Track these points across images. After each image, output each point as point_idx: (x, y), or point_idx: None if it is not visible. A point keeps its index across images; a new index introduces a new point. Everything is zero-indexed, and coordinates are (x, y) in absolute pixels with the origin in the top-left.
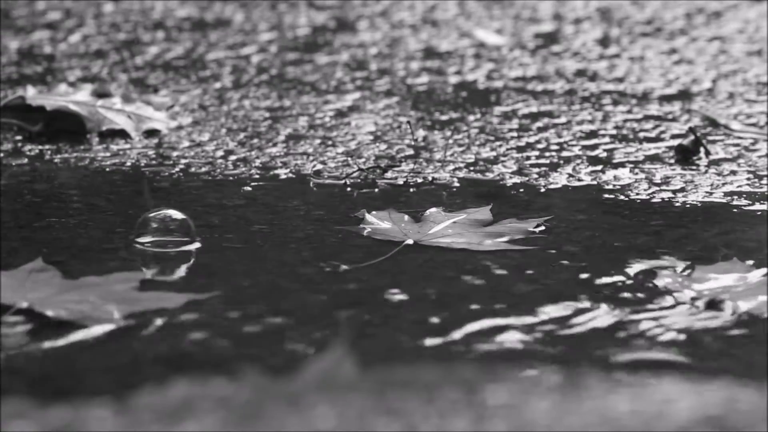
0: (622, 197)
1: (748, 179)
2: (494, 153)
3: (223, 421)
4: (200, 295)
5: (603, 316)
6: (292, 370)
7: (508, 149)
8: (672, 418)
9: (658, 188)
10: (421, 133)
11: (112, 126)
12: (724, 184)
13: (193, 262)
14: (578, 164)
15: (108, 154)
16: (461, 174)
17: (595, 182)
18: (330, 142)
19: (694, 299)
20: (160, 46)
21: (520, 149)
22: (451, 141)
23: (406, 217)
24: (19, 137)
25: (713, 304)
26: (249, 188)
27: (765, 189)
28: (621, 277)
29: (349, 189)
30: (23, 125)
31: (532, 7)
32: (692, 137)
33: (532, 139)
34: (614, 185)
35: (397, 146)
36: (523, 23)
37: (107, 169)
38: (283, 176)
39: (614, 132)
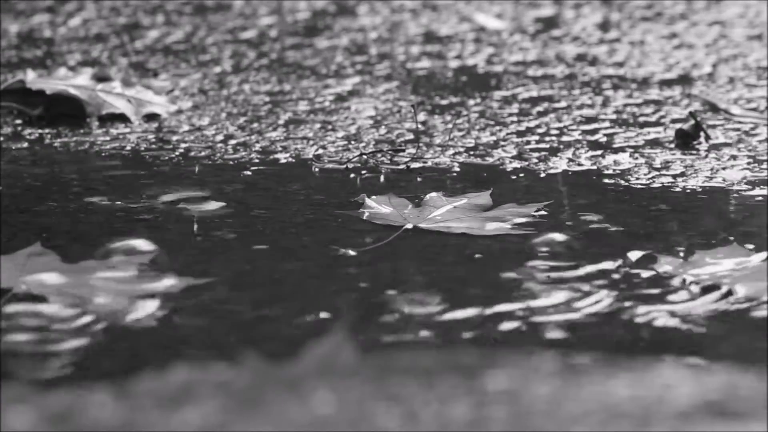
0: (622, 182)
1: (748, 164)
2: (494, 138)
3: (223, 407)
4: (200, 279)
5: (603, 301)
6: (292, 356)
7: (508, 134)
8: (672, 404)
9: (658, 173)
10: (420, 117)
11: (112, 110)
12: (724, 169)
13: (194, 247)
14: (578, 149)
15: (108, 138)
16: (461, 159)
17: (595, 167)
18: (330, 127)
19: (693, 284)
20: (160, 30)
21: (520, 134)
22: (451, 125)
23: (406, 201)
24: (18, 121)
25: (713, 289)
26: (249, 173)
27: (765, 174)
28: (621, 262)
29: (351, 175)
30: (23, 109)
31: None
32: (692, 122)
33: (532, 124)
34: (614, 170)
35: (397, 131)
36: (524, 8)
37: (107, 153)
38: (283, 161)
39: (614, 117)
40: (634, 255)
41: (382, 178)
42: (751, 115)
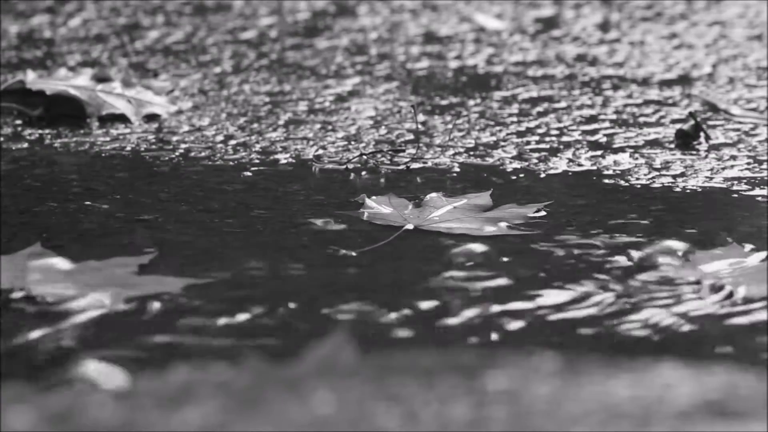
0: (622, 182)
1: (748, 164)
2: (494, 138)
3: (223, 407)
4: (199, 279)
5: (603, 301)
6: (292, 356)
7: (508, 134)
8: (672, 404)
9: (658, 173)
10: (420, 117)
11: (112, 110)
12: (723, 169)
13: (193, 247)
14: (578, 149)
15: (108, 138)
16: (461, 159)
17: (595, 167)
18: (330, 127)
19: (693, 284)
20: (160, 31)
21: (520, 134)
22: (451, 126)
23: (406, 201)
24: (19, 122)
25: (713, 289)
26: (249, 173)
27: (765, 174)
28: (621, 262)
29: (351, 175)
30: (23, 110)
31: None
32: (692, 122)
33: (532, 124)
34: (614, 170)
35: (397, 131)
36: (523, 8)
37: (107, 154)
38: (284, 161)
39: (614, 117)
40: (634, 255)
41: (380, 178)
42: (751, 115)
